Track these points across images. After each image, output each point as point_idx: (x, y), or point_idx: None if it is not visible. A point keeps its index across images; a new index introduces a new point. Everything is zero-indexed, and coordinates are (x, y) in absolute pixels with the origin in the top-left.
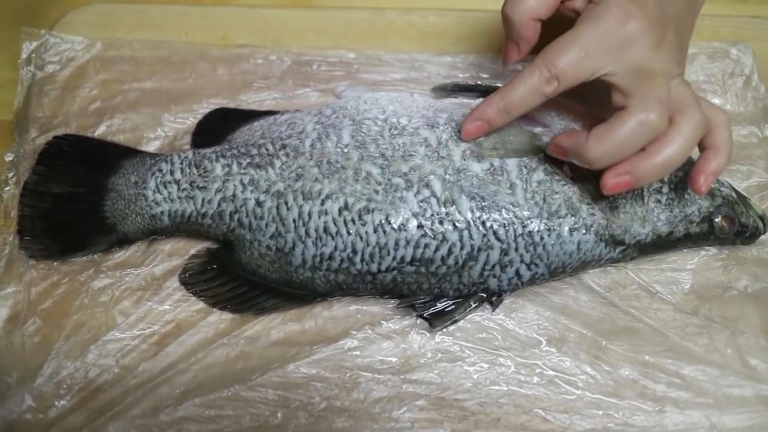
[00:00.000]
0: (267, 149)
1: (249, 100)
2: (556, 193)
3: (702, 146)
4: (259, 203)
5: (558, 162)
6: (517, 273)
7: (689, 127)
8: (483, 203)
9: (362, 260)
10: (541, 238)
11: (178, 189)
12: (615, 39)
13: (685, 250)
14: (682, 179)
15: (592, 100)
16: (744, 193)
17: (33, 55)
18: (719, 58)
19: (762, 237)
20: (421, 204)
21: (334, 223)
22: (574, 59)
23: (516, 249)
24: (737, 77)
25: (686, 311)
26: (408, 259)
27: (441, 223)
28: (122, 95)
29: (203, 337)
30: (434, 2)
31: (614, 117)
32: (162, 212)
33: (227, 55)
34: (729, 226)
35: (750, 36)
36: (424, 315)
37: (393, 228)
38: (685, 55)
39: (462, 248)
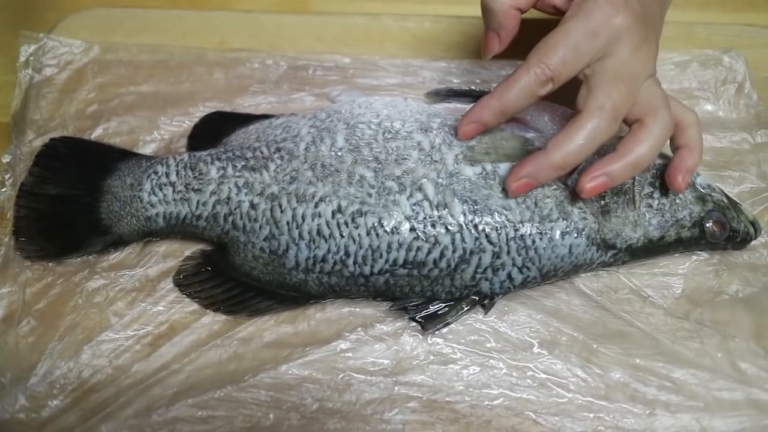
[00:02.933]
0: (262, 152)
1: (245, 104)
2: (548, 197)
3: (675, 145)
4: (253, 206)
5: None
6: (509, 276)
7: (658, 128)
8: (475, 207)
9: (355, 263)
10: (533, 242)
11: (174, 191)
12: (604, 35)
13: (676, 255)
14: None
15: (569, 92)
16: (735, 199)
17: (31, 58)
18: (712, 65)
19: (753, 242)
20: (414, 207)
21: (328, 226)
22: (567, 58)
23: (508, 252)
24: (729, 84)
25: (677, 315)
26: (400, 261)
27: (433, 226)
28: (119, 98)
29: (196, 338)
30: (430, 8)
31: (570, 123)
32: (157, 214)
33: (224, 60)
34: (720, 231)
35: (743, 44)
36: (417, 317)
37: (386, 231)
38: (656, 54)
39: (454, 251)
